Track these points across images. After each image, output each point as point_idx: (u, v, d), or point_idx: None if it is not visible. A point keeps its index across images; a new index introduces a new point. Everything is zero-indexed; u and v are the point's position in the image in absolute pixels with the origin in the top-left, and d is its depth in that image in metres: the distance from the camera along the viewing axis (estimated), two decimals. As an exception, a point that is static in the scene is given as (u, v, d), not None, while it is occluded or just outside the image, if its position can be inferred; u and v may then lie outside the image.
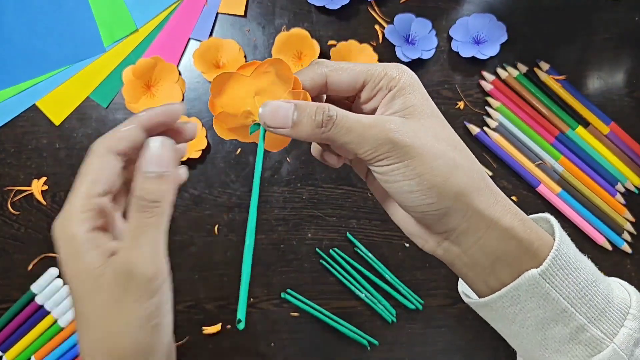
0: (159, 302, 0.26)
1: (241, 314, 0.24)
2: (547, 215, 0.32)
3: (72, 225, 0.26)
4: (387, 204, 0.33)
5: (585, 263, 0.30)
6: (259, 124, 0.29)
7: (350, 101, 0.33)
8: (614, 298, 0.29)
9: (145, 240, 0.26)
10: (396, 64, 0.30)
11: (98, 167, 0.28)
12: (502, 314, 0.30)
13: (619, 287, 0.31)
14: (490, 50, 0.61)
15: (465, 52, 0.61)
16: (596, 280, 0.29)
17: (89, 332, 0.27)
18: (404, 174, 0.27)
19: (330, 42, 0.62)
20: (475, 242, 0.29)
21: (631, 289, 0.32)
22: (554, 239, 0.29)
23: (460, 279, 0.35)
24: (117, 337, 0.26)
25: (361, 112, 0.32)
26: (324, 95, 0.33)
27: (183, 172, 0.31)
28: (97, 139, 0.28)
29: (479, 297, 0.31)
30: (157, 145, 0.27)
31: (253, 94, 0.30)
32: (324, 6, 0.61)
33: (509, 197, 0.61)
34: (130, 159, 0.28)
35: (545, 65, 0.63)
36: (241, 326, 0.24)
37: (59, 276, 0.58)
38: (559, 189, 0.61)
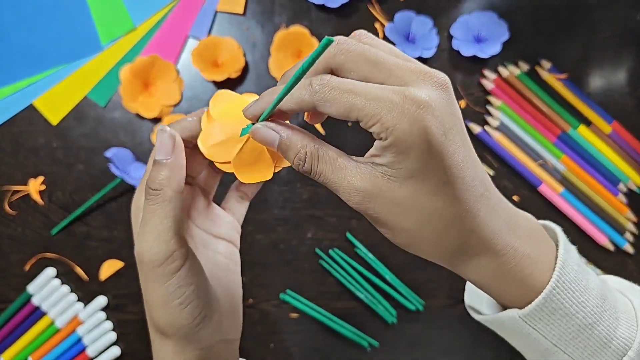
0: (178, 284, 0.28)
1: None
2: (557, 230, 0.30)
3: (141, 199, 0.31)
4: None
5: (585, 304, 0.28)
6: (249, 127, 0.29)
7: None
8: (614, 339, 0.28)
9: (149, 227, 0.27)
10: (407, 99, 0.24)
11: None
12: (500, 331, 0.31)
13: (631, 318, 0.29)
14: (491, 49, 0.61)
15: (466, 50, 0.60)
16: (595, 323, 0.27)
17: (147, 294, 0.30)
18: (373, 223, 0.28)
19: (330, 41, 0.61)
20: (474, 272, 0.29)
21: None
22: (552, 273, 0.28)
23: (466, 291, 0.35)
24: (151, 309, 0.29)
25: None
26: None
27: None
28: (173, 124, 0.31)
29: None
30: (160, 133, 0.28)
31: None
32: (323, 4, 0.60)
33: (511, 196, 0.61)
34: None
35: (547, 64, 0.62)
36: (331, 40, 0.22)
37: (56, 277, 0.58)
38: (560, 189, 0.60)
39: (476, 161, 0.27)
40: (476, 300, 0.34)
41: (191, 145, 0.31)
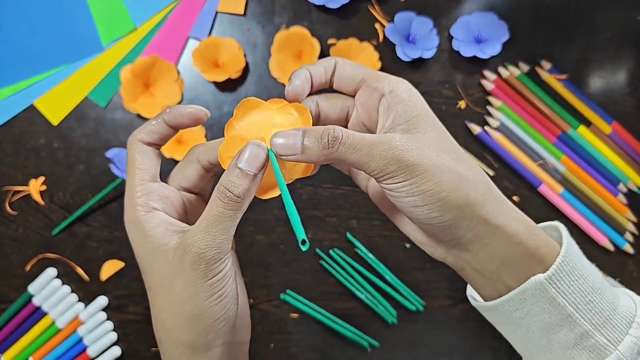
0: (221, 279, 0.29)
1: (300, 234, 0.26)
2: (556, 223, 0.32)
3: (133, 212, 0.30)
4: (394, 216, 0.34)
5: (591, 270, 0.30)
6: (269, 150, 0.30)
7: (347, 121, 0.34)
8: (619, 306, 0.30)
9: (220, 228, 0.28)
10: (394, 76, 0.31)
11: (139, 158, 0.31)
12: (508, 318, 0.31)
13: (625, 296, 0.32)
14: (491, 49, 0.61)
15: (467, 51, 0.60)
16: (602, 288, 0.29)
17: (159, 298, 0.30)
18: (410, 191, 0.28)
19: (330, 41, 0.61)
20: (482, 248, 0.30)
21: (637, 298, 0.32)
22: (561, 246, 0.29)
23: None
24: (183, 304, 0.29)
25: (360, 129, 0.33)
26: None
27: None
28: (132, 133, 0.32)
29: (486, 301, 0.32)
30: (256, 148, 0.29)
31: (272, 126, 0.31)
32: (323, 5, 0.60)
33: (511, 197, 0.61)
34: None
35: (547, 65, 0.62)
36: (305, 247, 0.25)
37: (57, 277, 0.58)
38: (560, 189, 0.60)
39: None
40: None
41: (159, 148, 0.33)
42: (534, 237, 0.29)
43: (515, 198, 0.61)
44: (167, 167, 0.60)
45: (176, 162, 0.59)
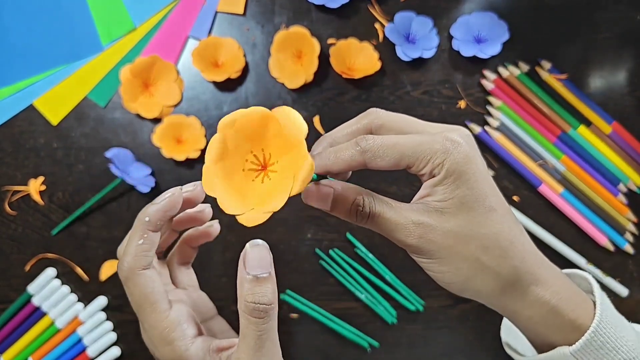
0: None
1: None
2: (588, 276, 0.32)
3: (172, 351, 0.29)
4: None
5: (626, 339, 0.29)
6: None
7: None
8: None
9: (270, 348, 0.27)
10: (446, 140, 0.28)
11: (150, 290, 0.30)
12: None
13: None
14: (491, 49, 0.61)
15: (467, 51, 0.60)
16: (636, 357, 0.29)
17: None
18: (428, 268, 0.30)
19: (330, 41, 0.61)
20: (515, 318, 0.31)
21: None
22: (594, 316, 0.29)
23: (502, 327, 0.37)
24: None
25: None
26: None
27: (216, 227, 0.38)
28: (124, 261, 0.29)
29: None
30: (259, 248, 0.29)
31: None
32: (323, 5, 0.60)
33: (511, 197, 0.61)
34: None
35: (546, 64, 0.62)
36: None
37: (57, 277, 0.58)
38: (560, 189, 0.60)
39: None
40: (513, 337, 0.36)
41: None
42: (572, 306, 0.29)
43: (515, 198, 0.61)
44: (166, 167, 0.60)
45: (176, 162, 0.59)
